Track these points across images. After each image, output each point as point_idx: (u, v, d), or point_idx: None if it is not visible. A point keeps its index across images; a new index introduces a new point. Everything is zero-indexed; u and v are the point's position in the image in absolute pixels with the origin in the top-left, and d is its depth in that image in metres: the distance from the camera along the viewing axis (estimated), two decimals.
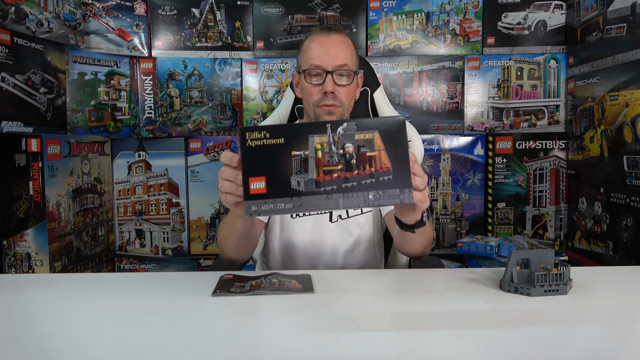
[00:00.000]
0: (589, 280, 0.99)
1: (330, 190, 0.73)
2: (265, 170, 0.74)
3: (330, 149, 0.73)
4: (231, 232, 1.08)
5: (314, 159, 0.73)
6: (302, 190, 0.73)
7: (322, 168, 0.73)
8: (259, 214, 0.74)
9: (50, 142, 1.92)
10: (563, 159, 2.40)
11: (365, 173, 0.72)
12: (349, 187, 0.73)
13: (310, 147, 0.73)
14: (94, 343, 0.71)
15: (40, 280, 1.09)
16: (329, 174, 0.73)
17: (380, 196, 0.73)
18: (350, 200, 0.73)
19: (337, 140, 0.73)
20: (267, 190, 0.73)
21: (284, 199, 0.73)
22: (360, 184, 0.73)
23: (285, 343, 0.71)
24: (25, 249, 1.87)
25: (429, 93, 2.42)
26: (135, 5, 2.36)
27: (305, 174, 0.73)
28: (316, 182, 0.73)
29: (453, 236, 2.47)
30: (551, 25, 2.39)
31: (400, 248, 1.17)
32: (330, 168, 0.73)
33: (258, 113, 2.45)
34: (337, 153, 0.73)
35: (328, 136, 0.73)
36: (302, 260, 1.28)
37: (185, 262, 2.47)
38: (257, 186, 0.73)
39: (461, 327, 0.77)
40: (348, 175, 0.72)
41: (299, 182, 0.73)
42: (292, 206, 0.73)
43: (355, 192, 0.73)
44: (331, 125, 0.73)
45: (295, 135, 0.73)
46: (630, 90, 1.83)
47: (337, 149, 0.73)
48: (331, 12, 2.43)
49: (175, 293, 0.94)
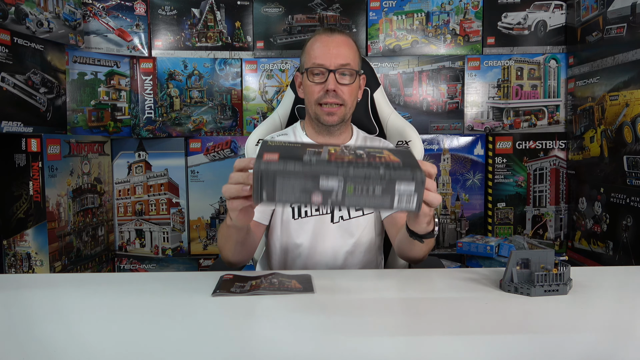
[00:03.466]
0: (589, 280, 0.99)
1: (341, 164, 0.72)
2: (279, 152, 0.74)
3: (342, 151, 0.77)
4: (227, 240, 1.08)
5: (327, 152, 0.76)
6: (314, 162, 0.72)
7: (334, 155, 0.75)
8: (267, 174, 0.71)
9: (50, 142, 1.92)
10: (563, 159, 2.40)
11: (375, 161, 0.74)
12: (360, 164, 0.73)
13: (324, 149, 0.78)
14: (94, 343, 0.71)
15: (40, 280, 1.09)
16: (341, 158, 0.74)
17: (391, 169, 0.72)
18: (361, 170, 0.72)
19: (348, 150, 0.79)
20: (280, 159, 0.72)
21: (295, 161, 0.71)
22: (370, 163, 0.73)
23: (285, 343, 0.71)
24: (25, 249, 1.87)
25: (429, 93, 2.42)
26: (135, 5, 2.36)
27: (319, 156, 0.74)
28: (328, 161, 0.73)
29: (453, 236, 2.47)
30: (551, 25, 2.39)
31: (402, 253, 1.17)
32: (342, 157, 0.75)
33: (258, 113, 2.45)
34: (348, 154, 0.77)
35: (341, 147, 0.79)
36: (303, 261, 1.28)
37: (185, 262, 2.47)
38: (270, 158, 0.72)
39: (461, 327, 0.77)
40: (359, 161, 0.74)
41: (311, 160, 0.72)
42: (301, 168, 0.71)
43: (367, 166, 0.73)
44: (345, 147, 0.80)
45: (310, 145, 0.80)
46: (630, 90, 1.83)
47: (349, 152, 0.78)
48: (331, 12, 2.43)
49: (175, 293, 0.94)
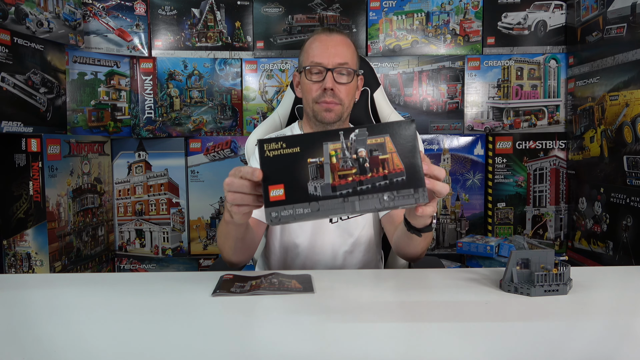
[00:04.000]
0: (589, 280, 0.99)
1: (346, 194, 0.75)
2: (283, 178, 0.76)
3: (344, 155, 0.75)
4: (227, 238, 1.07)
5: (329, 165, 0.75)
6: (320, 195, 0.75)
7: (337, 173, 0.75)
8: (279, 221, 0.75)
9: (50, 142, 1.92)
10: (563, 159, 2.40)
11: (378, 175, 0.74)
12: (364, 190, 0.75)
13: (325, 153, 0.76)
14: (93, 343, 0.71)
15: (40, 280, 1.09)
16: (344, 178, 0.75)
17: (395, 197, 0.74)
18: (366, 203, 0.74)
19: (350, 146, 0.75)
20: (286, 196, 0.75)
21: (303, 204, 0.75)
22: (374, 186, 0.74)
23: (285, 343, 0.71)
24: (25, 249, 1.87)
25: (429, 93, 2.42)
26: (135, 5, 2.36)
27: (322, 179, 0.75)
28: (332, 186, 0.75)
29: (453, 236, 2.47)
30: (551, 25, 2.39)
31: (400, 250, 1.16)
32: (345, 172, 0.75)
33: (258, 113, 2.45)
34: (350, 158, 0.75)
35: (341, 142, 0.75)
36: (303, 261, 1.28)
37: (185, 262, 2.47)
38: (277, 194, 0.75)
39: (461, 327, 0.77)
40: (362, 179, 0.74)
41: (316, 188, 0.75)
42: (310, 211, 0.75)
43: (370, 194, 0.74)
44: (344, 132, 0.76)
45: (310, 144, 0.76)
46: (630, 90, 1.83)
47: (351, 154, 0.75)
48: (331, 12, 2.43)
49: (175, 293, 0.94)
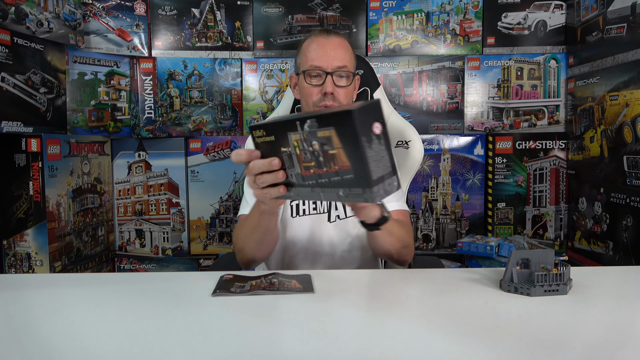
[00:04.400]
0: (589, 280, 0.99)
1: (312, 184, 0.78)
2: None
3: (304, 147, 0.76)
4: (255, 231, 1.09)
5: (295, 155, 0.78)
6: (295, 182, 0.81)
7: (302, 164, 0.77)
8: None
9: (50, 142, 1.92)
10: (563, 159, 2.40)
11: (332, 170, 0.74)
12: (324, 183, 0.76)
13: (290, 143, 0.77)
14: (93, 343, 0.71)
15: (40, 280, 1.09)
16: (307, 170, 0.77)
17: (348, 193, 0.74)
18: (328, 194, 0.77)
19: (306, 138, 0.74)
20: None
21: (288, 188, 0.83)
22: (331, 180, 0.75)
23: (285, 343, 0.71)
24: (25, 249, 1.87)
25: (429, 93, 2.42)
26: (135, 5, 2.36)
27: (293, 168, 0.79)
28: (302, 176, 0.79)
29: (453, 236, 2.47)
30: (551, 25, 2.39)
31: (374, 250, 1.19)
32: (307, 164, 0.77)
33: (258, 113, 2.45)
34: (308, 150, 0.75)
35: (299, 134, 0.75)
36: (301, 259, 1.28)
37: (185, 262, 2.47)
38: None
39: (461, 327, 0.77)
40: (320, 172, 0.75)
41: (291, 175, 0.81)
42: (292, 194, 0.84)
43: (329, 188, 0.76)
44: (299, 122, 0.74)
45: (280, 132, 0.79)
46: (630, 90, 1.83)
47: (307, 147, 0.75)
48: (331, 12, 2.43)
49: (175, 293, 0.94)
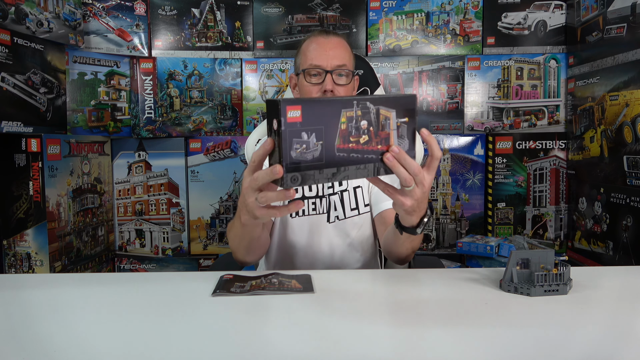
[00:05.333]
0: (589, 280, 0.99)
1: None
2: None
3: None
4: (243, 239, 1.07)
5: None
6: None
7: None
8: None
9: (50, 142, 1.92)
10: (563, 159, 2.40)
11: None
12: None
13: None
14: (93, 343, 0.71)
15: (40, 280, 1.09)
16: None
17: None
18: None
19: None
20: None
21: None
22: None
23: (285, 343, 0.71)
24: (25, 249, 1.87)
25: (429, 93, 2.42)
26: (135, 5, 2.37)
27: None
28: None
29: (453, 236, 2.47)
30: (551, 25, 2.39)
31: (386, 248, 1.18)
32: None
33: (258, 113, 2.45)
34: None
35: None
36: (301, 260, 1.28)
37: (185, 262, 2.47)
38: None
39: (461, 327, 0.77)
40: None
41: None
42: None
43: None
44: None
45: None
46: (630, 90, 1.83)
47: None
48: (331, 12, 2.43)
49: (175, 293, 0.94)
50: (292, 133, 0.72)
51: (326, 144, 0.74)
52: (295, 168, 0.73)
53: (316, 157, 0.74)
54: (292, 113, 0.72)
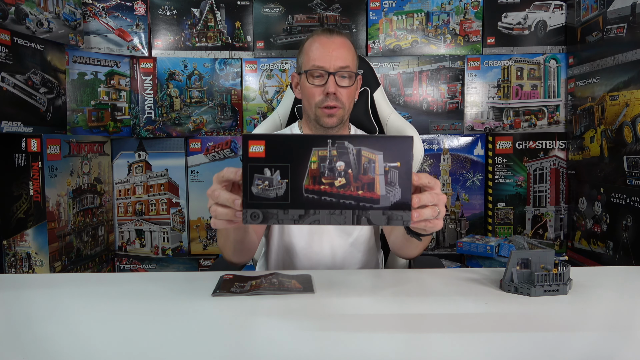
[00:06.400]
0: (589, 280, 0.99)
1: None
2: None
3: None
4: (227, 240, 1.07)
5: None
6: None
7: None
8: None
9: (50, 142, 1.92)
10: (563, 159, 2.40)
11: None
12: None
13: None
14: (94, 343, 0.71)
15: (40, 280, 1.09)
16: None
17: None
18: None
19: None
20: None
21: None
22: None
23: (285, 343, 0.71)
24: (25, 249, 1.87)
25: (429, 93, 2.42)
26: (135, 5, 2.36)
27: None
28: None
29: (453, 236, 2.47)
30: (551, 25, 2.39)
31: (397, 251, 1.17)
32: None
33: (258, 113, 2.45)
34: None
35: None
36: (302, 261, 1.28)
37: (185, 262, 2.47)
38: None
39: (461, 327, 0.77)
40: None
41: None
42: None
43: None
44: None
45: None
46: (630, 90, 1.83)
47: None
48: (331, 12, 2.43)
49: (175, 293, 0.94)
50: (252, 168, 0.70)
51: (293, 183, 0.71)
52: (256, 205, 0.71)
53: (280, 196, 0.71)
54: (255, 148, 0.70)
